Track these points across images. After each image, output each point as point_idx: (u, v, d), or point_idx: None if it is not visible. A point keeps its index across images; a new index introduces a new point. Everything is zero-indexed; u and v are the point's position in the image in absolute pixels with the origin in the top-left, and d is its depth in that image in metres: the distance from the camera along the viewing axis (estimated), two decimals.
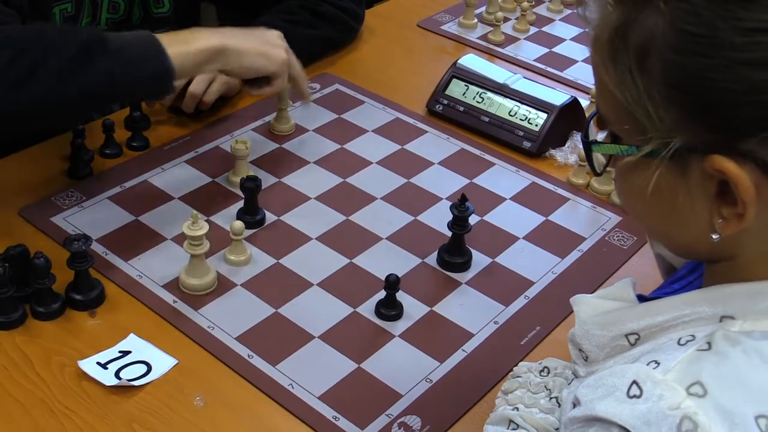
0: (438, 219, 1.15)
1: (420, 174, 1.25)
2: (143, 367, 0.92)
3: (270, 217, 1.15)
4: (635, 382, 0.57)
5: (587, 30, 0.62)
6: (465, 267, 1.08)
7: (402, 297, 1.02)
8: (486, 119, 1.33)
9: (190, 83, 1.26)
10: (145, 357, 0.94)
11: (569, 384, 0.76)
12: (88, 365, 0.92)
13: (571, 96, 1.33)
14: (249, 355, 0.95)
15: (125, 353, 0.94)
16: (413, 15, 1.69)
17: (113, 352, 0.94)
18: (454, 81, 1.37)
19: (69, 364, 0.92)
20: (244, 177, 1.13)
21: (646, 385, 0.57)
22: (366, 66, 1.51)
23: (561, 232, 1.16)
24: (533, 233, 1.15)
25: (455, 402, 0.91)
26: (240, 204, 1.15)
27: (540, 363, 0.85)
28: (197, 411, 0.89)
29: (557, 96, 1.32)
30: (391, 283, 0.99)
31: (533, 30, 1.66)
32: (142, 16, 1.36)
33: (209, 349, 0.96)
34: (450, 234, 1.08)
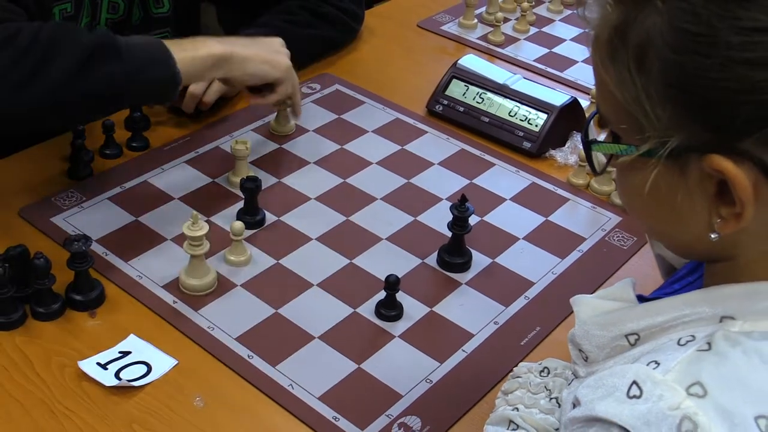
0: (438, 219, 1.15)
1: (420, 174, 1.25)
2: (143, 368, 0.92)
3: (270, 218, 1.15)
4: (635, 382, 0.57)
5: (587, 30, 0.63)
6: (465, 267, 1.08)
7: (402, 297, 1.02)
8: (486, 120, 1.33)
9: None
10: (145, 357, 0.94)
11: (569, 384, 0.76)
12: (88, 366, 0.92)
13: (571, 96, 1.33)
14: (249, 356, 0.95)
15: (125, 354, 0.94)
16: (413, 15, 1.69)
17: (113, 352, 0.94)
18: (454, 81, 1.37)
19: (69, 364, 0.92)
20: (244, 177, 1.13)
21: (646, 386, 0.57)
22: (366, 66, 1.52)
23: (561, 232, 1.16)
24: (533, 234, 1.15)
25: (455, 402, 0.91)
26: (240, 204, 1.15)
27: (540, 363, 0.85)
28: (197, 411, 0.89)
29: (557, 96, 1.32)
30: (391, 284, 0.99)
31: (533, 30, 1.66)
32: (141, 16, 1.36)
33: (209, 350, 0.96)
34: (450, 234, 1.08)
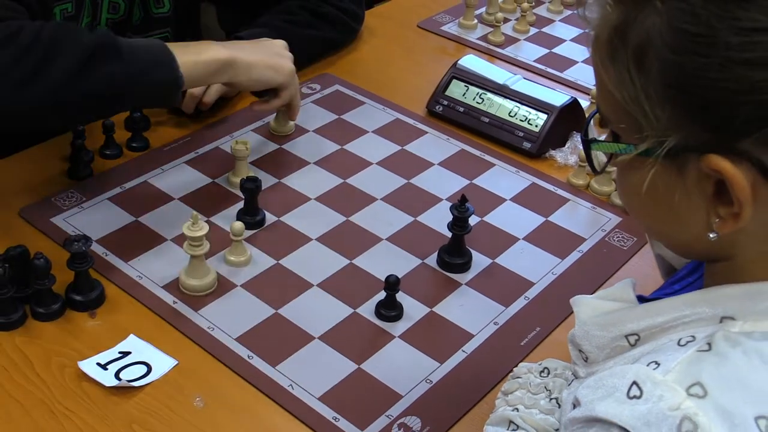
0: (438, 220, 1.15)
1: (420, 175, 1.25)
2: (143, 368, 0.92)
3: (270, 218, 1.15)
4: (635, 382, 0.57)
5: (587, 31, 0.63)
6: (465, 268, 1.08)
7: (402, 298, 1.02)
8: (486, 120, 1.33)
9: None
10: (145, 358, 0.94)
11: (569, 385, 0.76)
12: (88, 366, 0.92)
13: (571, 97, 1.33)
14: (249, 356, 0.95)
15: (125, 354, 0.94)
16: (413, 16, 1.69)
17: (113, 352, 0.94)
18: (454, 82, 1.37)
19: (69, 364, 0.92)
20: (244, 178, 1.13)
21: (646, 386, 0.57)
22: (366, 67, 1.52)
23: (561, 232, 1.16)
24: (533, 234, 1.15)
25: (455, 403, 0.91)
26: (240, 205, 1.15)
27: (540, 364, 0.85)
28: (197, 412, 0.89)
29: (557, 97, 1.32)
30: (391, 284, 0.99)
31: (533, 31, 1.66)
32: (142, 16, 1.36)
33: (209, 350, 0.96)
34: (450, 235, 1.08)
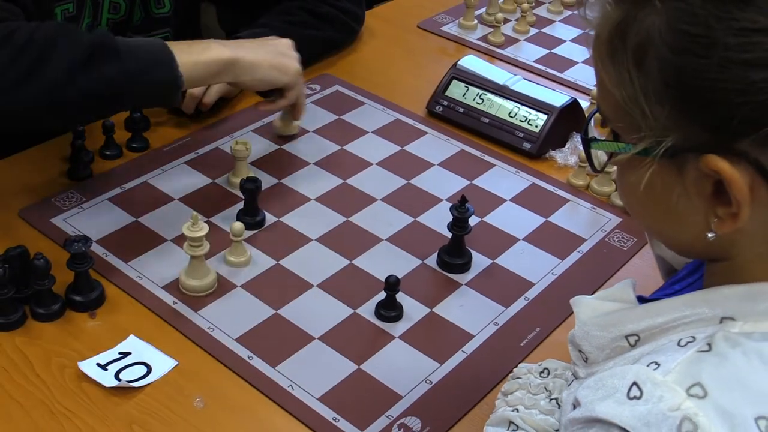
0: (438, 220, 1.15)
1: (420, 175, 1.25)
2: (143, 369, 0.92)
3: (270, 219, 1.15)
4: (635, 383, 0.57)
5: (587, 31, 0.63)
6: (465, 268, 1.08)
7: (402, 298, 1.02)
8: (486, 120, 1.33)
9: None
10: (145, 358, 0.94)
11: (569, 385, 0.76)
12: (88, 366, 0.92)
13: (571, 97, 1.33)
14: (249, 357, 0.95)
15: (125, 354, 0.94)
16: (413, 16, 1.69)
17: (113, 353, 0.94)
18: (454, 82, 1.37)
19: (69, 365, 0.92)
20: (244, 178, 1.13)
21: (646, 387, 0.57)
22: (366, 67, 1.52)
23: (561, 233, 1.16)
24: (533, 234, 1.15)
25: (455, 403, 0.91)
26: (240, 205, 1.15)
27: (540, 364, 0.85)
28: (197, 412, 0.89)
29: (557, 97, 1.32)
30: (391, 285, 0.99)
31: (533, 31, 1.66)
32: (143, 16, 1.36)
33: (209, 351, 0.96)
34: (450, 235, 1.08)
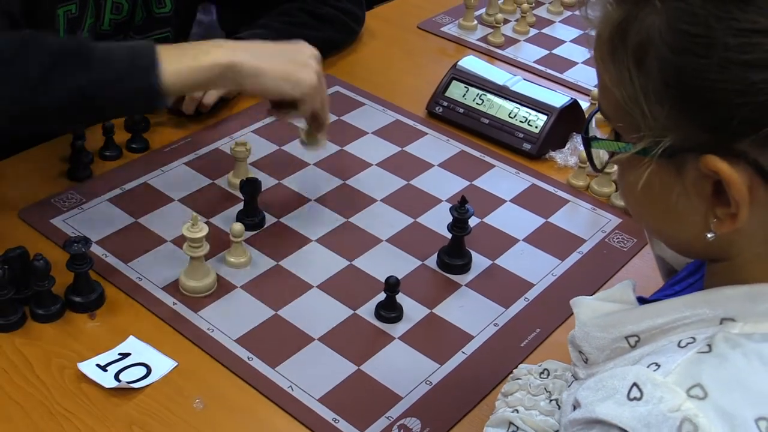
0: (438, 221, 1.15)
1: (420, 176, 1.25)
2: (143, 370, 0.92)
3: (270, 219, 1.15)
4: (635, 384, 0.57)
5: (587, 31, 0.63)
6: (465, 269, 1.08)
7: (402, 299, 1.02)
8: (486, 121, 1.33)
9: None
10: (145, 359, 0.94)
11: (569, 386, 0.76)
12: (87, 367, 0.92)
13: (571, 98, 1.33)
14: (249, 357, 0.95)
15: (125, 355, 0.94)
16: (413, 17, 1.69)
17: (113, 354, 0.94)
18: (454, 83, 1.37)
19: (68, 366, 0.92)
20: (243, 179, 1.13)
21: (646, 388, 0.57)
22: (366, 68, 1.51)
23: (561, 234, 1.16)
24: (533, 235, 1.15)
25: (455, 404, 0.91)
26: (240, 206, 1.15)
27: (540, 365, 0.85)
28: (197, 413, 0.89)
29: (557, 98, 1.32)
30: (391, 285, 0.99)
31: (533, 32, 1.66)
32: (144, 16, 1.36)
33: (209, 352, 0.96)
34: (450, 236, 1.08)
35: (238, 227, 1.05)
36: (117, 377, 0.91)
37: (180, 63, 1.03)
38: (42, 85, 0.98)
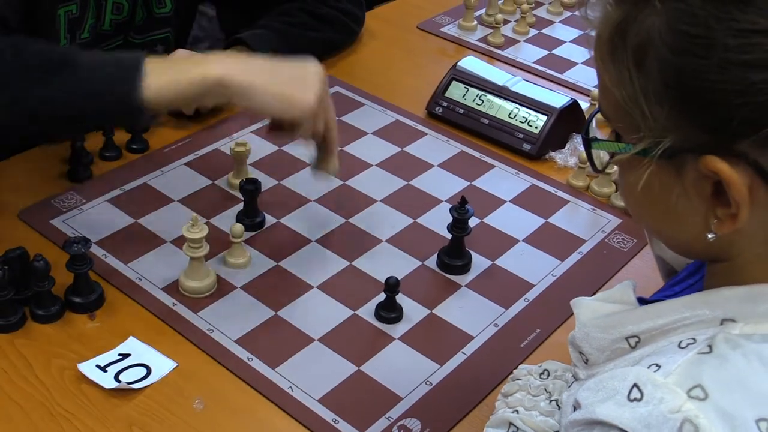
0: (438, 221, 1.15)
1: (420, 176, 1.25)
2: (143, 370, 0.92)
3: (270, 220, 1.15)
4: (636, 385, 0.57)
5: (587, 32, 0.63)
6: (465, 269, 1.08)
7: (402, 299, 1.02)
8: (486, 121, 1.33)
9: None
10: (145, 360, 0.94)
11: (569, 387, 0.76)
12: (87, 368, 0.92)
13: (571, 98, 1.33)
14: (249, 358, 0.95)
15: (125, 356, 0.94)
16: (413, 17, 1.69)
17: (113, 355, 0.94)
18: (453, 83, 1.37)
19: (68, 367, 0.92)
20: (243, 179, 1.13)
21: (646, 388, 0.57)
22: (366, 68, 1.51)
23: (561, 234, 1.16)
24: (533, 236, 1.15)
25: (455, 405, 0.91)
26: (239, 206, 1.15)
27: (540, 366, 0.85)
28: (197, 414, 0.89)
29: (557, 98, 1.32)
30: (391, 286, 0.99)
31: (533, 32, 1.66)
32: (145, 16, 1.36)
33: (209, 352, 0.95)
34: (450, 236, 1.08)
35: (238, 228, 1.05)
36: (117, 378, 0.91)
37: (166, 76, 0.98)
38: (21, 93, 0.96)
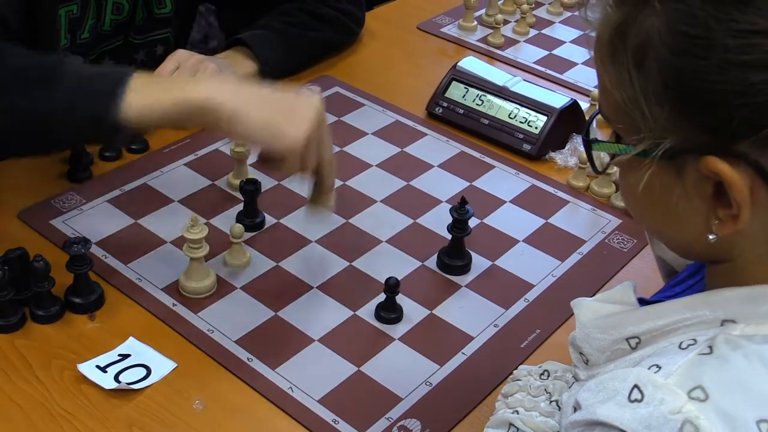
0: (438, 222, 1.14)
1: (420, 177, 1.25)
2: (143, 371, 0.92)
3: (269, 220, 1.15)
4: (636, 386, 0.57)
5: (587, 32, 0.63)
6: (465, 270, 1.08)
7: (402, 300, 1.02)
8: (486, 122, 1.33)
9: None
10: (145, 360, 0.94)
11: (570, 387, 0.76)
12: (87, 369, 0.91)
13: (571, 98, 1.33)
14: (248, 359, 0.95)
15: (125, 356, 0.94)
16: (413, 17, 1.69)
17: (113, 355, 0.94)
18: (453, 83, 1.37)
19: (68, 367, 0.92)
20: (243, 180, 1.13)
21: (647, 389, 0.57)
22: (366, 68, 1.51)
23: (561, 234, 1.16)
24: (533, 236, 1.15)
25: (455, 405, 0.91)
26: (239, 207, 1.15)
27: (540, 366, 0.85)
28: (197, 414, 0.89)
29: (557, 98, 1.32)
30: (391, 286, 0.99)
31: (533, 32, 1.66)
32: (145, 17, 1.36)
33: (209, 353, 0.95)
34: (450, 237, 1.08)
35: (237, 228, 1.05)
36: (117, 378, 0.91)
37: (149, 96, 0.94)
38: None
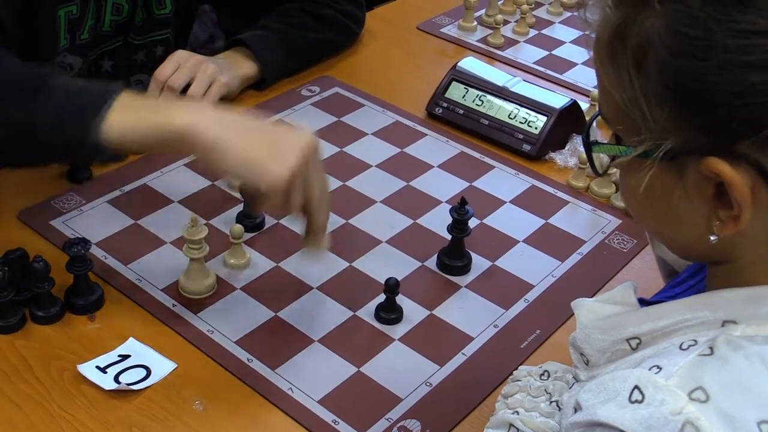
0: (438, 222, 1.14)
1: (420, 177, 1.25)
2: (142, 371, 0.92)
3: (270, 221, 1.14)
4: (637, 387, 0.57)
5: (587, 33, 0.63)
6: (465, 270, 1.08)
7: (402, 300, 1.02)
8: (486, 122, 1.33)
9: (189, 87, 1.26)
10: (145, 361, 0.93)
11: (570, 388, 0.76)
12: (87, 369, 0.91)
13: (571, 99, 1.33)
14: (248, 359, 0.95)
15: (125, 357, 0.94)
16: (413, 18, 1.69)
17: (113, 356, 0.94)
18: (453, 84, 1.37)
19: (68, 368, 0.92)
20: None
21: (647, 390, 0.57)
22: (366, 69, 1.51)
23: (561, 235, 1.16)
24: (533, 236, 1.15)
25: (455, 406, 0.91)
26: (239, 207, 1.15)
27: (540, 367, 0.85)
28: (197, 415, 0.89)
29: (557, 99, 1.32)
30: (391, 287, 0.99)
31: (533, 33, 1.66)
32: (145, 17, 1.36)
33: (209, 353, 0.95)
34: (450, 237, 1.08)
35: (237, 229, 1.05)
36: (117, 379, 0.91)
37: (132, 116, 0.90)
38: None
